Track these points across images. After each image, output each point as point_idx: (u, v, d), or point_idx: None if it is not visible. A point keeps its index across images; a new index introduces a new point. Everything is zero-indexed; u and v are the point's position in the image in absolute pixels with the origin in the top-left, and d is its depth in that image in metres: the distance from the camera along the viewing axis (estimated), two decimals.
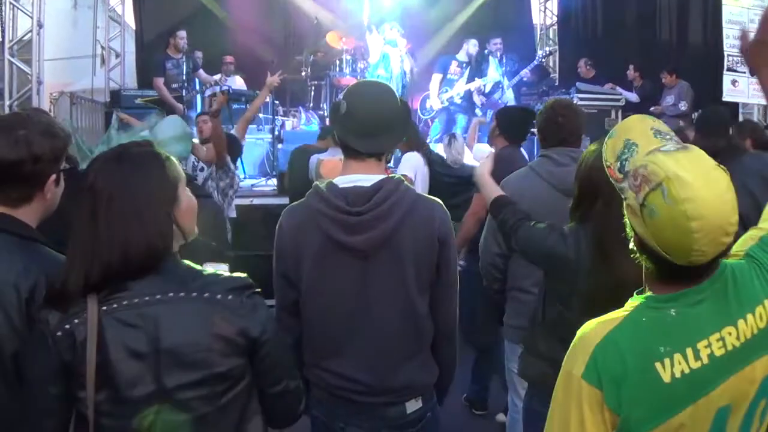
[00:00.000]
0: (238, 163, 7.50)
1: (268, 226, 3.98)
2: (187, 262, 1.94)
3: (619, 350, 1.61)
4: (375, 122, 2.47)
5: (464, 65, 10.65)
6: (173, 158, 1.98)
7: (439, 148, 7.00)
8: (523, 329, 3.50)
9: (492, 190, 3.24)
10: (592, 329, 1.67)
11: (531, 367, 2.96)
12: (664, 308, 1.64)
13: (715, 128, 4.82)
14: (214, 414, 1.86)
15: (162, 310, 1.81)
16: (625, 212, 1.68)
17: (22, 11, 9.92)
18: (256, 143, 9.92)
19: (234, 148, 6.46)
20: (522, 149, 5.15)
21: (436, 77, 10.70)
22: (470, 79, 10.64)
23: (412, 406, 2.54)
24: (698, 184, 1.53)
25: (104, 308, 1.79)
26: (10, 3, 9.76)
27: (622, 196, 1.68)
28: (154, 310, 1.81)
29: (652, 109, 9.69)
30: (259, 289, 1.96)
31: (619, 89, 10.46)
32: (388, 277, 2.45)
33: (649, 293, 1.71)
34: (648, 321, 1.64)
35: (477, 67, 10.81)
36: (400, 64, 10.43)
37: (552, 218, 2.92)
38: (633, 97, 10.35)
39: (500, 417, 5.19)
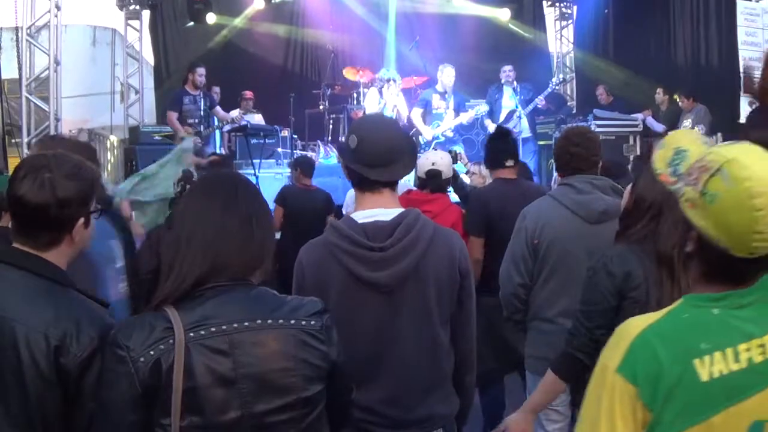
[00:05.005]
0: None
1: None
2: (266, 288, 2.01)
3: (657, 345, 1.58)
4: (387, 151, 2.47)
5: (445, 96, 10.15)
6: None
7: None
8: (547, 360, 3.45)
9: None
10: (632, 324, 1.64)
11: None
12: (706, 306, 1.61)
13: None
14: None
15: (249, 337, 1.83)
16: (683, 209, 1.64)
17: (39, 49, 10.02)
18: (275, 177, 9.89)
19: None
20: None
21: (417, 111, 10.09)
22: (456, 110, 10.16)
23: None
24: (757, 164, 1.53)
25: (191, 335, 1.79)
26: (27, 41, 9.85)
27: (678, 196, 1.65)
28: (241, 337, 1.82)
29: (670, 132, 9.56)
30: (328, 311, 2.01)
31: (650, 119, 10.35)
32: (412, 310, 2.43)
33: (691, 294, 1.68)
34: (689, 317, 1.62)
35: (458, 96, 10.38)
36: (393, 109, 10.19)
37: (577, 244, 2.89)
38: (660, 128, 10.16)
39: None
